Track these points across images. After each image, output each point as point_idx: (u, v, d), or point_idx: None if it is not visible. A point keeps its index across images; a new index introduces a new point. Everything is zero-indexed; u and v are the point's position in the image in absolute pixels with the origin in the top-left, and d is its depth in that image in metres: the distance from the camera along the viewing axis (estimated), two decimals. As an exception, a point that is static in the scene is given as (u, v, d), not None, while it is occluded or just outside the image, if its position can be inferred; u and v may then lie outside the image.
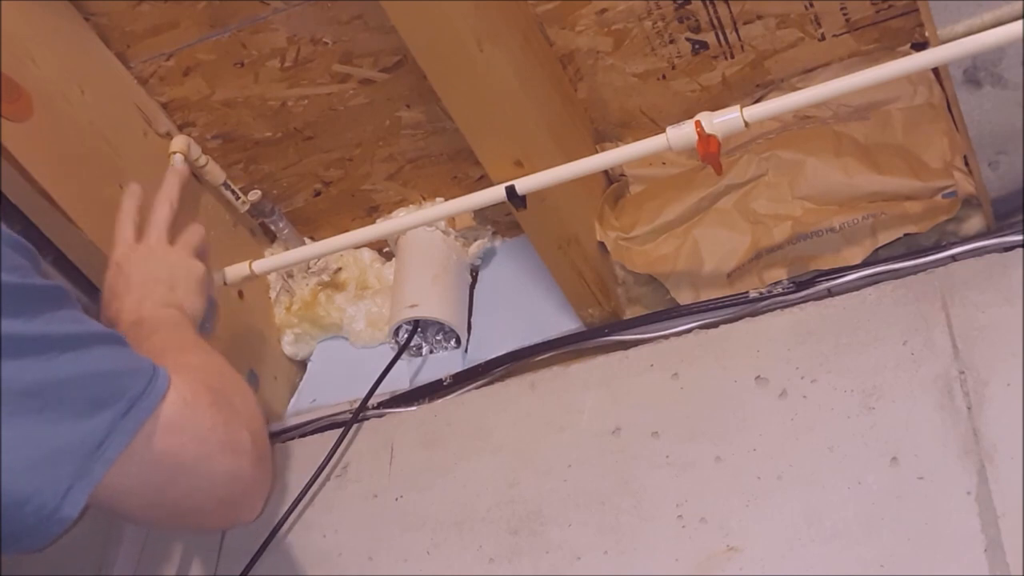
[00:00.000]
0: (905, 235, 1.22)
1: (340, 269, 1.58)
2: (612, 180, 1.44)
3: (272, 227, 1.57)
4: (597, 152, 1.40)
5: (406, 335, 1.46)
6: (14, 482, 0.69)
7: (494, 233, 1.56)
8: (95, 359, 0.75)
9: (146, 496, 0.78)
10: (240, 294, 1.53)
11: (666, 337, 1.29)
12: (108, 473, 0.73)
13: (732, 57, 1.33)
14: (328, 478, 1.39)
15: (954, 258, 1.17)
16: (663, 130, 1.08)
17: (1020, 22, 0.95)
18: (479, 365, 1.40)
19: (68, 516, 0.71)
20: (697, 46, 1.33)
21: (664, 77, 1.37)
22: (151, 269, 1.10)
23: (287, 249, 1.54)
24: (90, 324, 0.78)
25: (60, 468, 0.71)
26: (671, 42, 1.33)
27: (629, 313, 1.37)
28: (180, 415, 0.78)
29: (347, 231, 1.27)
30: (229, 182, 1.51)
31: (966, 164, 1.19)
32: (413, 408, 1.41)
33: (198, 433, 0.79)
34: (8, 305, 0.70)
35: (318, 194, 1.55)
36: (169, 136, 1.45)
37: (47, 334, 0.72)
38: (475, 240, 1.53)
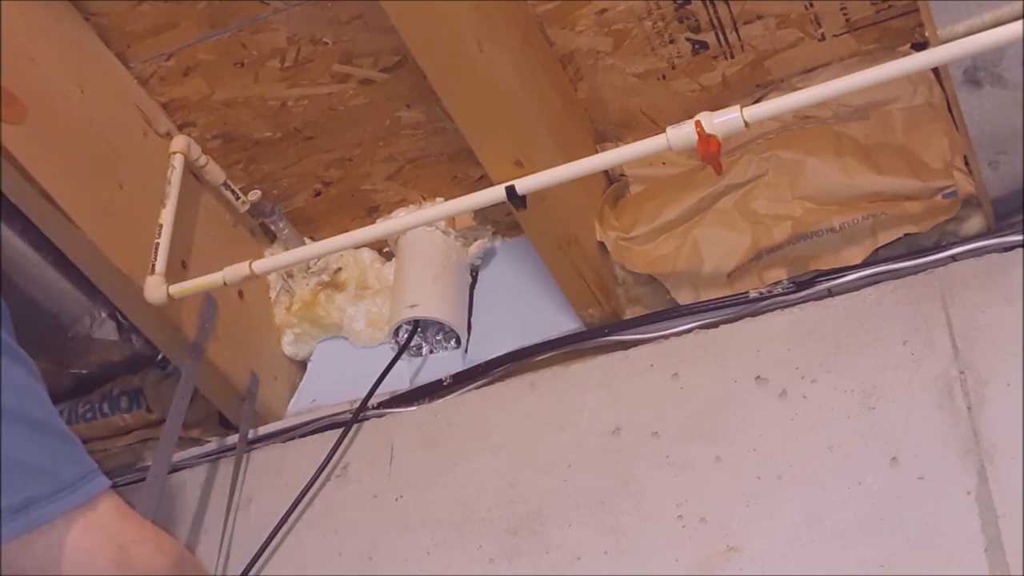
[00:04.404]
0: (905, 235, 1.22)
1: (340, 269, 1.58)
2: (612, 180, 1.44)
3: (272, 227, 1.57)
4: (597, 152, 1.40)
5: (406, 335, 1.46)
6: None
7: (494, 233, 1.56)
8: (10, 441, 0.73)
9: None
10: (240, 294, 1.53)
11: (666, 337, 1.29)
12: None
13: (732, 57, 1.33)
14: (328, 478, 1.39)
15: (954, 258, 1.17)
16: (663, 130, 1.08)
17: (1020, 22, 0.95)
18: (479, 365, 1.40)
19: None
20: (697, 46, 1.33)
21: (664, 77, 1.37)
22: None
23: (287, 249, 1.54)
24: (27, 399, 0.75)
25: None
26: (671, 42, 1.33)
27: (629, 313, 1.37)
28: (72, 538, 0.75)
29: (347, 231, 1.27)
30: (229, 182, 1.51)
31: (966, 164, 1.19)
32: (413, 408, 1.41)
33: (83, 562, 0.76)
34: None
35: (318, 194, 1.55)
36: (169, 136, 1.45)
37: None
38: (475, 240, 1.53)
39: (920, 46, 1.27)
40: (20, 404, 0.76)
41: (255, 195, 1.52)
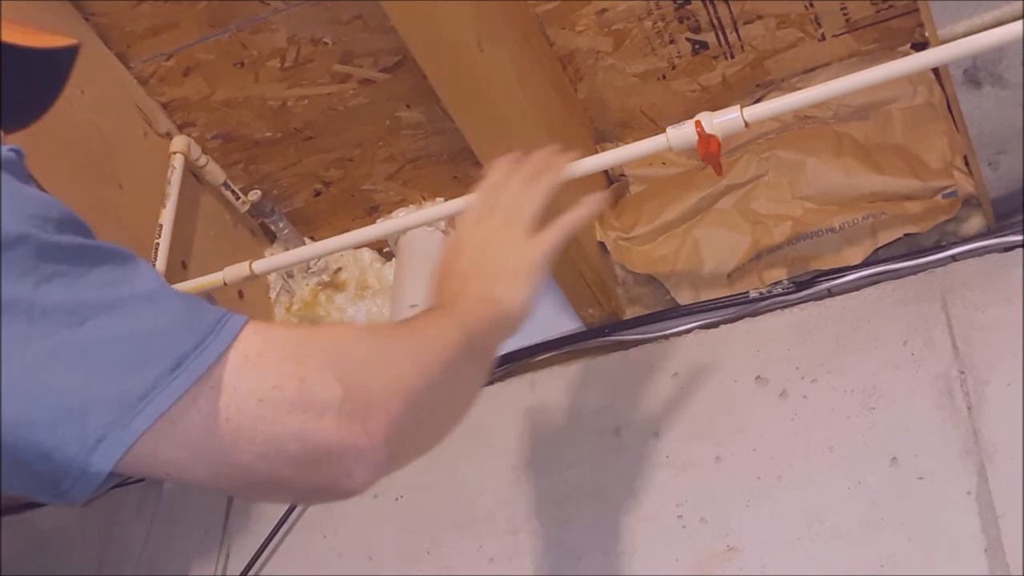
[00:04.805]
0: (905, 235, 1.22)
1: (340, 269, 1.58)
2: (612, 180, 1.44)
3: (272, 227, 1.57)
4: (597, 152, 1.40)
5: (406, 335, 1.46)
6: (34, 435, 0.67)
7: (494, 233, 1.55)
8: (128, 322, 0.71)
9: (206, 464, 0.72)
10: (240, 294, 1.53)
11: (666, 337, 1.29)
12: (153, 434, 0.68)
13: (732, 57, 1.33)
14: (328, 478, 1.39)
15: (954, 258, 1.17)
16: (663, 130, 1.08)
17: (1020, 22, 0.95)
18: (479, 365, 1.40)
19: (99, 470, 0.67)
20: (697, 46, 1.33)
21: (664, 77, 1.36)
22: (482, 254, 0.97)
23: (287, 249, 1.54)
24: (126, 285, 0.73)
25: (89, 419, 0.67)
26: (671, 42, 1.33)
27: (629, 313, 1.37)
28: (236, 373, 0.72)
29: (347, 231, 1.26)
30: (229, 182, 1.51)
31: (966, 164, 1.19)
32: (413, 408, 1.40)
33: (257, 392, 0.72)
34: (20, 264, 0.67)
35: (318, 194, 1.55)
36: (169, 136, 1.45)
37: (63, 302, 0.68)
38: (475, 240, 1.52)
39: (920, 46, 1.27)
40: (128, 290, 0.73)
41: (255, 195, 1.52)
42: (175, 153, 1.42)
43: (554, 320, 1.41)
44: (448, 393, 0.84)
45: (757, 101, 1.33)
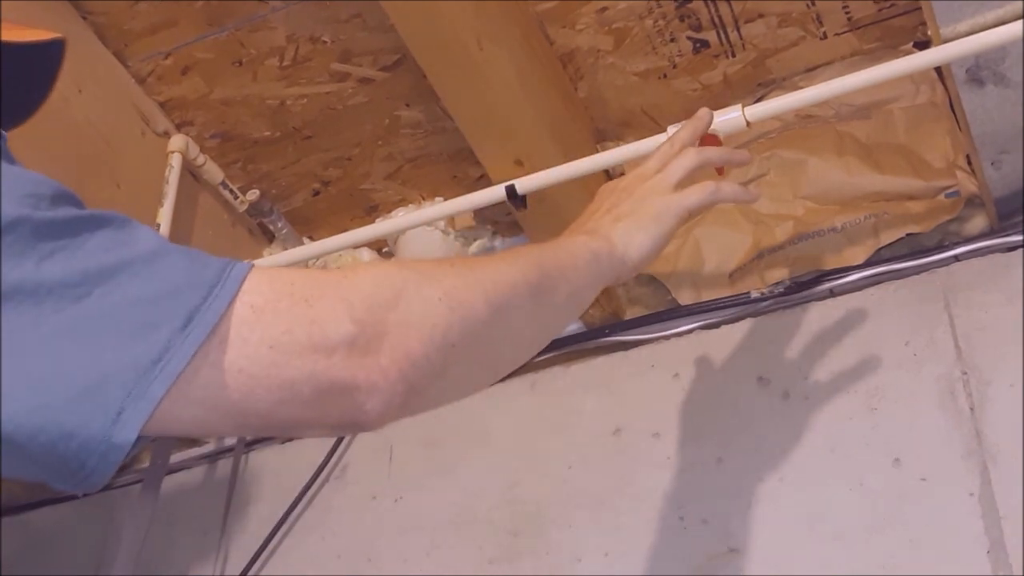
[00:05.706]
0: (907, 235, 1.21)
1: (339, 269, 1.57)
2: (613, 180, 1.44)
3: (271, 227, 1.57)
4: (597, 151, 1.39)
5: (406, 335, 1.45)
6: (54, 417, 0.66)
7: (494, 233, 1.55)
8: (134, 285, 0.70)
9: (226, 417, 0.72)
10: (239, 294, 1.52)
11: (667, 337, 1.29)
12: (171, 397, 0.68)
13: (733, 56, 1.33)
14: (327, 479, 1.38)
15: (957, 258, 1.17)
16: (664, 129, 1.08)
17: (1022, 21, 0.94)
18: (479, 365, 1.39)
19: (123, 442, 0.67)
20: (698, 45, 1.32)
21: (665, 76, 1.36)
22: (624, 193, 0.99)
23: (286, 249, 1.54)
24: (126, 248, 0.72)
25: (108, 393, 0.67)
26: (672, 41, 1.32)
27: (629, 313, 1.37)
28: (245, 324, 0.71)
29: (346, 231, 1.26)
30: (227, 181, 1.50)
31: (969, 163, 1.19)
32: (413, 408, 1.40)
33: (267, 339, 0.71)
34: (18, 246, 0.67)
35: (317, 193, 1.55)
36: (167, 135, 1.44)
37: (66, 276, 0.67)
38: (475, 240, 1.52)
39: (922, 45, 1.26)
40: (129, 252, 0.71)
41: (253, 194, 1.51)
42: (173, 152, 1.42)
43: (554, 320, 1.40)
44: (498, 332, 0.81)
45: (758, 100, 1.32)
